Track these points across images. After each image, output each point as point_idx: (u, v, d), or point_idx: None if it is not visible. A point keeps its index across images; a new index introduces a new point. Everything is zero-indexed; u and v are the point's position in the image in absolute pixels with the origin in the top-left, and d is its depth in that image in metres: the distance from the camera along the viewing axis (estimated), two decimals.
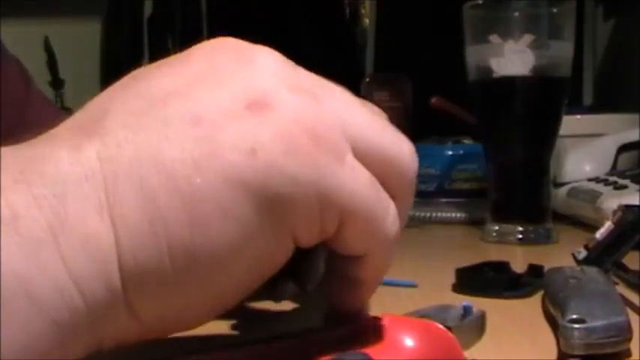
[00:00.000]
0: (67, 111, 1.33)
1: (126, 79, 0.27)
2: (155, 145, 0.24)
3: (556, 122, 0.71)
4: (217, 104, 0.25)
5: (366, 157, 0.27)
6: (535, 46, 0.68)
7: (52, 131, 0.26)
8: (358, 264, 0.28)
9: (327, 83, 0.28)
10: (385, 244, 0.28)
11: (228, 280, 0.25)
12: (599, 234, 0.49)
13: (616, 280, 0.45)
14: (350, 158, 0.26)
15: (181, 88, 0.25)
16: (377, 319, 0.27)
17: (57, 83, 1.41)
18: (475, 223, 0.79)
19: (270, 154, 0.24)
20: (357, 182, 0.26)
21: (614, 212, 0.49)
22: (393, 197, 0.28)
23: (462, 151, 0.92)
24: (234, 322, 0.37)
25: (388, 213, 0.27)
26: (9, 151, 0.24)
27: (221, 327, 0.35)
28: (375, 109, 0.30)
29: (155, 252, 0.24)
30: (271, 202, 0.24)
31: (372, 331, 0.27)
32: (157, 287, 0.24)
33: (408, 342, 0.26)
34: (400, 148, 0.28)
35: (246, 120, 0.25)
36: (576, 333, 0.31)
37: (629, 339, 0.31)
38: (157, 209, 0.24)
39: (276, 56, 0.27)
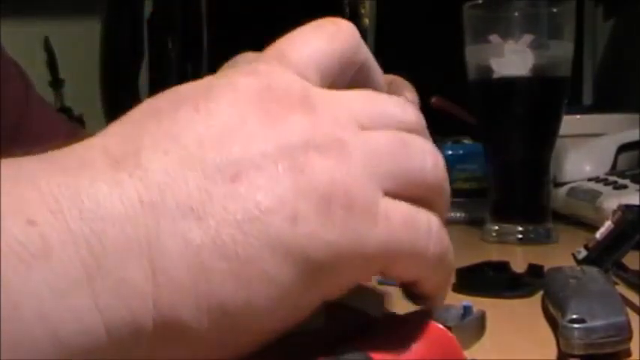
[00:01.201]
0: (65, 111, 1.33)
1: (147, 110, 0.26)
2: (196, 199, 0.24)
3: (556, 122, 0.71)
4: (251, 161, 0.25)
5: (396, 187, 0.27)
6: (535, 46, 0.68)
7: (83, 155, 0.24)
8: (417, 285, 0.29)
9: (346, 119, 0.27)
10: (434, 264, 0.28)
11: (257, 335, 0.25)
12: (599, 234, 0.49)
13: (616, 280, 0.45)
14: (383, 205, 0.26)
15: (213, 138, 0.25)
16: (377, 319, 0.27)
17: (57, 83, 1.40)
18: (475, 223, 0.79)
19: (309, 225, 0.24)
20: (394, 229, 0.26)
21: (614, 212, 0.49)
22: (430, 207, 0.28)
23: (461, 151, 0.92)
24: None
25: (430, 236, 0.27)
26: (39, 171, 0.23)
27: None
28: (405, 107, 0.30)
29: (194, 309, 0.23)
30: (312, 269, 0.25)
31: (372, 330, 0.27)
32: (186, 336, 0.24)
33: (408, 342, 0.26)
34: (423, 165, 0.28)
35: (281, 182, 0.25)
36: (576, 333, 0.31)
37: (629, 339, 0.31)
38: (202, 268, 0.23)
39: (303, 115, 0.26)
